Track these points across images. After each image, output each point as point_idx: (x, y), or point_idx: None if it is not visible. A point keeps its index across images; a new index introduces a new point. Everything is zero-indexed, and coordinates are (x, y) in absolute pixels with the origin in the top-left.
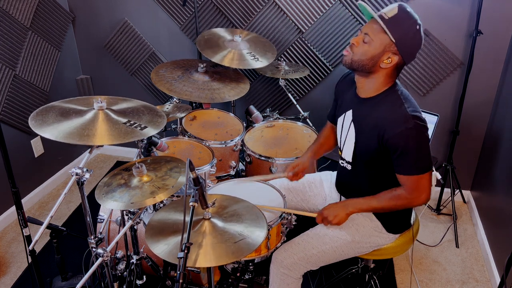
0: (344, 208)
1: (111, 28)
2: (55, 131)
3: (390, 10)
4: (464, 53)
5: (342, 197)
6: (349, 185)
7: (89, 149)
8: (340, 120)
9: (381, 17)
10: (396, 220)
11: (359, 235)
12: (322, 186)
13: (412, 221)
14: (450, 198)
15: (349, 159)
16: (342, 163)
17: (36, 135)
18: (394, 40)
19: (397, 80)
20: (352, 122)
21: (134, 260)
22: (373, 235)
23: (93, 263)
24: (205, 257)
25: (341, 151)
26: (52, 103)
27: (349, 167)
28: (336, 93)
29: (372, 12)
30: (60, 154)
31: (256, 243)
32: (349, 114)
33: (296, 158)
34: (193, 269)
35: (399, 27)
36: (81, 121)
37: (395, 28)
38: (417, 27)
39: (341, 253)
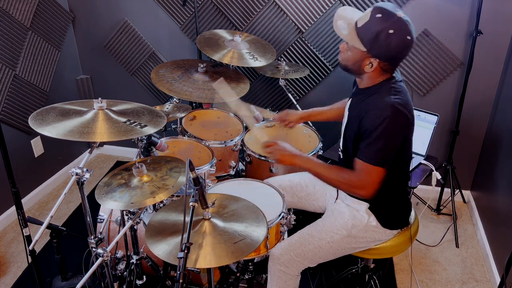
0: (293, 157)
1: (111, 28)
2: (55, 129)
3: (364, 16)
4: (464, 53)
5: (339, 194)
6: None
7: (89, 149)
8: (346, 107)
9: (356, 24)
10: (392, 216)
11: (355, 229)
12: (323, 184)
13: (411, 220)
14: (450, 198)
15: (341, 146)
16: (339, 150)
17: (36, 135)
18: (365, 49)
19: (397, 74)
20: (347, 110)
21: (134, 260)
22: (369, 229)
23: (93, 263)
24: (205, 257)
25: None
26: (52, 105)
27: (341, 155)
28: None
29: (344, 25)
30: (60, 154)
31: (255, 243)
32: (349, 102)
33: None
34: (193, 269)
35: (369, 35)
36: (81, 120)
37: (365, 36)
38: (390, 31)
39: (338, 248)
